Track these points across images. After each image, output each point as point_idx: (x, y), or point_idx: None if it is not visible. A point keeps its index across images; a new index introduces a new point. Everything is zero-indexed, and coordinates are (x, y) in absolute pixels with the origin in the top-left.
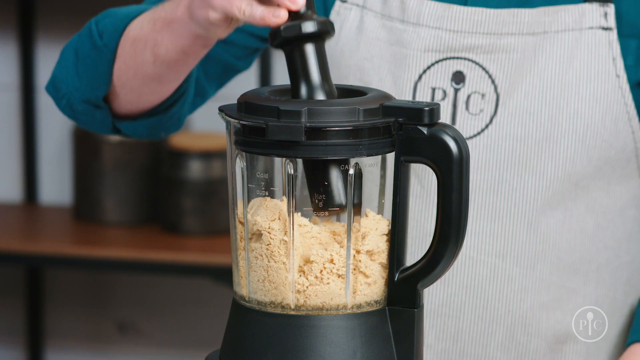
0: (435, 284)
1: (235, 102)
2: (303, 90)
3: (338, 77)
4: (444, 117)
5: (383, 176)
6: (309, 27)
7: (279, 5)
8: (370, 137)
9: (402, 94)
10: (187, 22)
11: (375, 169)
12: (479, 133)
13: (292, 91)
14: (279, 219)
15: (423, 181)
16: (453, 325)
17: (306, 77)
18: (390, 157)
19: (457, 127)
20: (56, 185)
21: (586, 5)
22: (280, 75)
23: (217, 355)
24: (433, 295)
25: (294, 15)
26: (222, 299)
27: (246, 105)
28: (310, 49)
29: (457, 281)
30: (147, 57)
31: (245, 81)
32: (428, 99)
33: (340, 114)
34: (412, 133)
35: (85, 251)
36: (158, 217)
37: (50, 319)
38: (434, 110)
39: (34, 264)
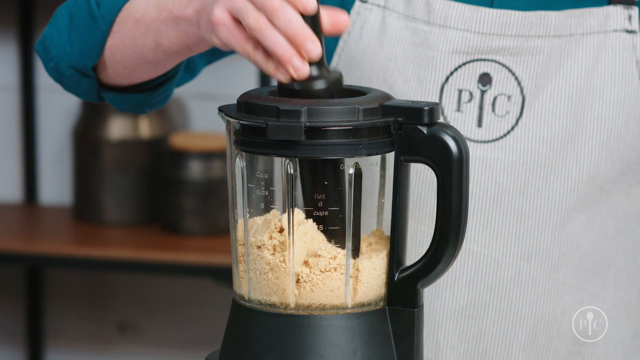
0: (460, 285)
1: (235, 102)
2: None
3: (360, 78)
4: (471, 119)
5: (383, 176)
6: (312, 86)
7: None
8: (370, 136)
9: (428, 95)
10: (194, 25)
11: (375, 169)
12: (505, 135)
13: None
14: (278, 215)
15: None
16: (476, 327)
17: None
18: (390, 156)
19: (483, 129)
20: (56, 185)
21: (610, 8)
22: None
23: (217, 355)
24: (458, 297)
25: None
26: (222, 299)
27: (246, 105)
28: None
29: (482, 283)
30: (148, 42)
31: (245, 81)
32: (454, 101)
33: (339, 114)
34: (411, 133)
35: (85, 251)
36: (158, 217)
37: (50, 319)
38: (433, 109)
39: (34, 264)
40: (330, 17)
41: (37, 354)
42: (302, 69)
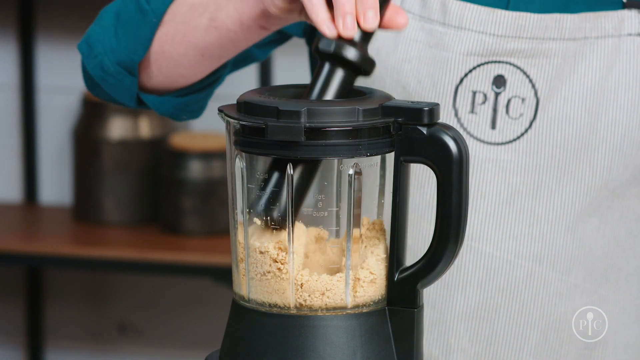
0: (471, 287)
1: (235, 102)
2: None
3: (373, 78)
4: (485, 121)
5: (383, 176)
6: (347, 52)
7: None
8: (370, 137)
9: (442, 96)
10: None
11: (375, 169)
12: (518, 137)
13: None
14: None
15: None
16: (487, 329)
17: (320, 93)
18: (390, 157)
19: (497, 131)
20: (56, 185)
21: (625, 12)
22: (281, 75)
23: (217, 355)
24: (469, 298)
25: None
26: (222, 299)
27: (246, 105)
28: (338, 73)
29: (494, 284)
30: (203, 21)
31: (245, 81)
32: (469, 103)
33: (339, 114)
34: (411, 133)
35: (85, 251)
36: (158, 217)
37: (50, 319)
38: (433, 110)
39: (34, 264)
40: (391, 10)
41: (37, 354)
42: (351, 29)
